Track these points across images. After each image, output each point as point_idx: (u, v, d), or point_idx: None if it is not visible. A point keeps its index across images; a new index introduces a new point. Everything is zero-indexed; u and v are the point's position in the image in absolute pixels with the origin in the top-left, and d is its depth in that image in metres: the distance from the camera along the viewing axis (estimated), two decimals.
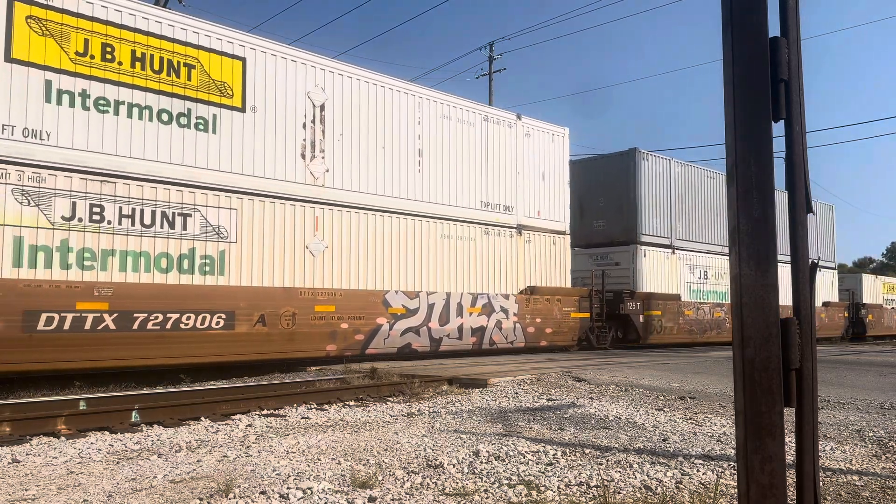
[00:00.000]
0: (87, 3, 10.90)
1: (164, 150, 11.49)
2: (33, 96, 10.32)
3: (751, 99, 2.05)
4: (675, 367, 13.47)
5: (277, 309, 12.47)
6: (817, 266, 2.16)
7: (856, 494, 4.53)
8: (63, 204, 10.46)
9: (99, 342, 10.56)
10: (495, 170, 16.71)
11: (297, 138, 13.15)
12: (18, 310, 9.88)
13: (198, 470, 5.17)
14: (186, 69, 11.81)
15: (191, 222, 11.65)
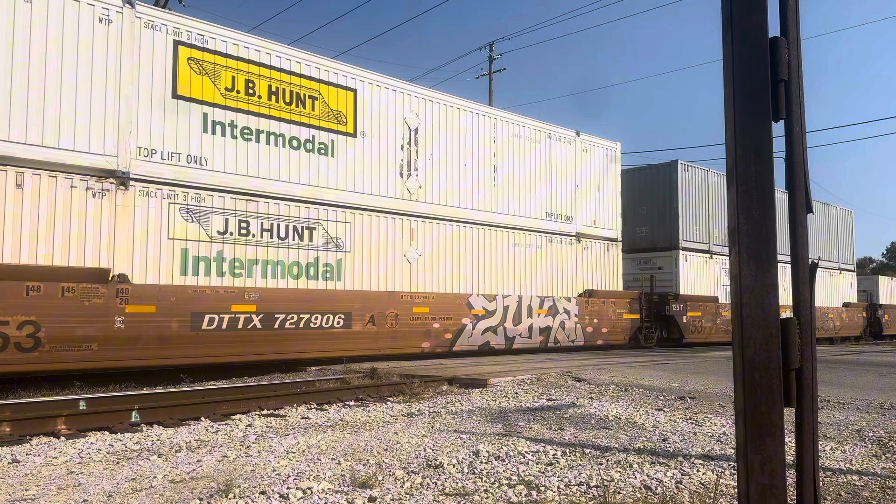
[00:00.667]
0: (234, 44, 12.60)
1: (293, 172, 13.27)
2: (194, 128, 12.03)
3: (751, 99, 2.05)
4: (675, 367, 13.47)
5: (384, 310, 14.30)
6: (817, 266, 2.16)
7: (856, 494, 4.53)
8: (218, 220, 12.22)
9: (249, 339, 12.29)
10: (557, 182, 18.36)
11: (395, 158, 14.94)
12: (188, 312, 11.58)
13: (198, 470, 5.17)
14: (311, 101, 13.64)
15: (315, 235, 13.50)
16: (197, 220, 11.92)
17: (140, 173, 11.43)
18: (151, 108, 11.61)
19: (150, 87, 11.63)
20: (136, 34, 11.50)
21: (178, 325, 11.44)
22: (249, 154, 12.68)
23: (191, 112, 11.98)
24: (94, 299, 10.57)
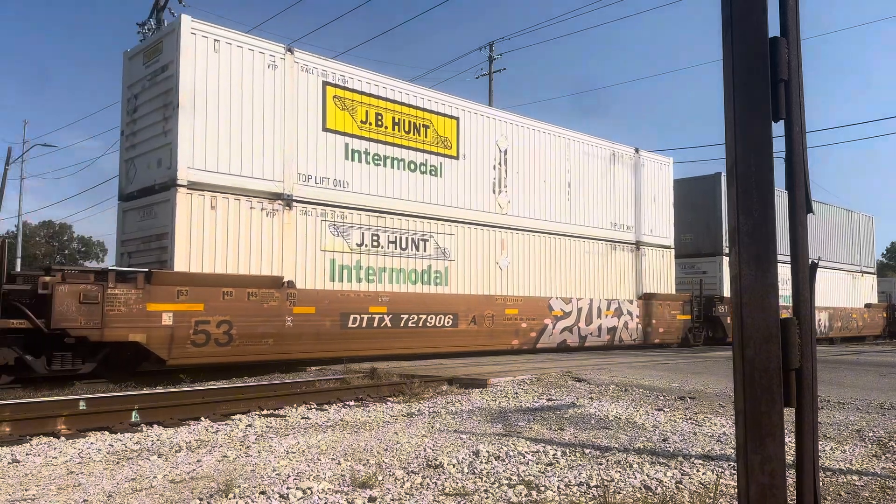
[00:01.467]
0: (367, 82, 14.69)
1: (411, 191, 15.32)
2: (339, 156, 14.16)
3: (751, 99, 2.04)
4: (675, 367, 13.46)
5: (483, 311, 16.34)
6: (817, 266, 2.16)
7: (856, 494, 4.53)
8: (356, 234, 14.36)
9: (382, 336, 14.44)
10: (619, 195, 20.39)
11: (489, 177, 17.03)
12: (337, 312, 13.73)
13: (198, 470, 5.17)
14: (424, 129, 15.67)
15: (428, 246, 15.57)
16: (341, 234, 14.13)
17: (300, 195, 13.47)
18: (307, 140, 13.65)
19: (306, 121, 13.65)
20: (294, 77, 13.56)
21: (330, 324, 13.67)
22: (378, 177, 14.79)
23: (336, 142, 14.10)
24: (270, 302, 12.76)
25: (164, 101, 12.44)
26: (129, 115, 13.59)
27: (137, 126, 13.30)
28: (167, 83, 12.38)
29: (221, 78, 12.47)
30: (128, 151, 13.55)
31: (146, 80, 13.05)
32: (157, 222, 12.38)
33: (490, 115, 17.20)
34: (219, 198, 12.32)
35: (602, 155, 19.84)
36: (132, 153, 13.38)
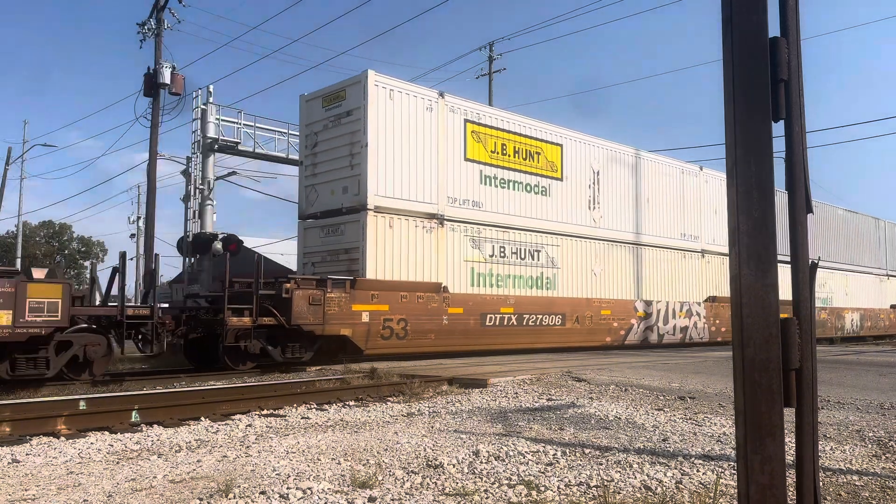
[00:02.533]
0: (495, 118, 17.59)
1: (527, 209, 17.99)
2: (475, 181, 16.86)
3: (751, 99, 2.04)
4: (675, 367, 13.46)
5: (583, 312, 19.03)
6: (817, 266, 2.16)
7: (856, 494, 4.53)
8: (489, 246, 17.02)
9: (510, 333, 17.19)
10: (687, 208, 23.00)
11: (585, 195, 19.65)
12: (478, 312, 16.44)
13: (198, 470, 5.17)
14: (536, 155, 18.39)
15: (540, 256, 18.25)
16: (478, 247, 16.78)
17: (449, 215, 16.15)
18: (453, 168, 16.34)
19: (453, 153, 16.34)
20: (444, 116, 16.32)
21: (473, 322, 16.38)
22: (504, 198, 17.43)
23: (473, 170, 16.80)
24: (433, 304, 15.56)
25: (350, 140, 15.14)
26: (308, 148, 16.29)
27: (318, 159, 16.07)
28: (353, 125, 15.13)
29: (395, 120, 15.33)
30: (308, 179, 16.24)
31: (328, 121, 15.82)
32: (343, 238, 15.26)
33: (586, 141, 19.82)
34: (394, 218, 15.17)
35: (673, 173, 22.65)
36: (313, 181, 16.12)
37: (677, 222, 22.37)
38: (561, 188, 18.77)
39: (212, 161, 20.56)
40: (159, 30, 23.00)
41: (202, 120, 20.30)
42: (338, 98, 15.57)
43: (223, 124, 20.61)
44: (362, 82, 14.89)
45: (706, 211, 23.44)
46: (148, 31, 23.18)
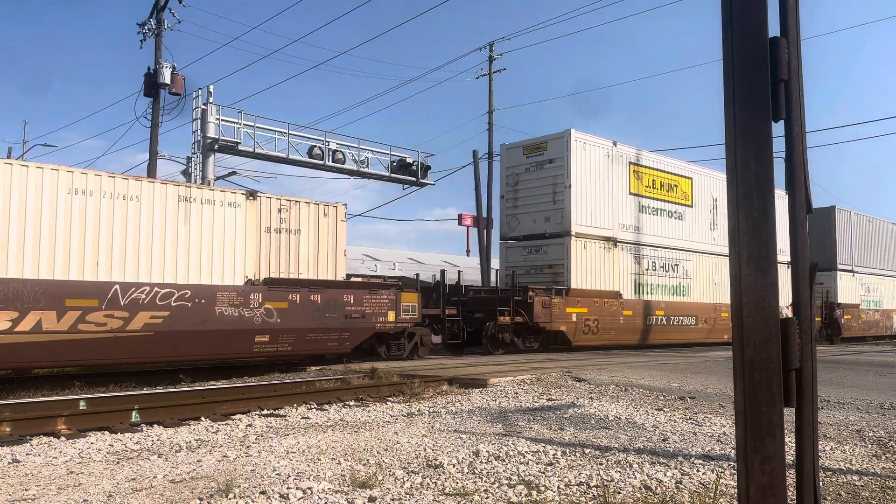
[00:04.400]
0: (648, 158, 21.71)
1: (669, 231, 22.19)
2: (636, 210, 21.02)
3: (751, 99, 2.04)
4: (675, 367, 13.46)
5: (709, 314, 23.14)
6: (817, 266, 2.16)
7: (856, 494, 4.53)
8: (645, 262, 21.20)
9: (663, 330, 21.50)
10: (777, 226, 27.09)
11: (706, 219, 23.72)
12: (643, 314, 20.65)
13: (198, 470, 5.17)
14: (674, 188, 22.66)
15: (678, 269, 22.39)
16: (638, 262, 20.90)
17: (620, 238, 20.31)
18: (622, 201, 20.46)
19: (621, 189, 20.50)
20: (615, 159, 20.44)
21: (639, 322, 20.63)
22: (654, 223, 21.62)
23: (635, 201, 20.90)
24: (613, 307, 19.79)
25: (553, 181, 19.33)
26: (510, 185, 20.55)
27: (519, 194, 20.32)
28: (555, 170, 19.35)
29: (585, 165, 19.56)
30: (509, 210, 20.59)
31: (529, 166, 20.04)
32: (547, 257, 19.50)
33: (708, 174, 23.88)
34: (587, 241, 19.39)
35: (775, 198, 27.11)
36: (514, 211, 20.43)
37: None
38: (691, 213, 23.29)
39: (212, 161, 20.56)
40: (159, 30, 22.99)
41: (202, 120, 20.31)
42: (539, 149, 19.96)
43: (223, 124, 20.62)
44: (565, 138, 19.34)
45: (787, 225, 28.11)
46: (148, 31, 23.17)
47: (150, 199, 12.08)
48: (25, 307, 10.55)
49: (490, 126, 30.22)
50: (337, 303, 13.99)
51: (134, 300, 11.59)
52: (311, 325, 13.55)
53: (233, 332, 12.62)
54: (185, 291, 12.08)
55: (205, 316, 12.25)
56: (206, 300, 12.30)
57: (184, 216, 12.39)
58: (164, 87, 22.11)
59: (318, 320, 13.66)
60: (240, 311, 12.68)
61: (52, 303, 10.80)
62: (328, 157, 22.67)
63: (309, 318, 13.55)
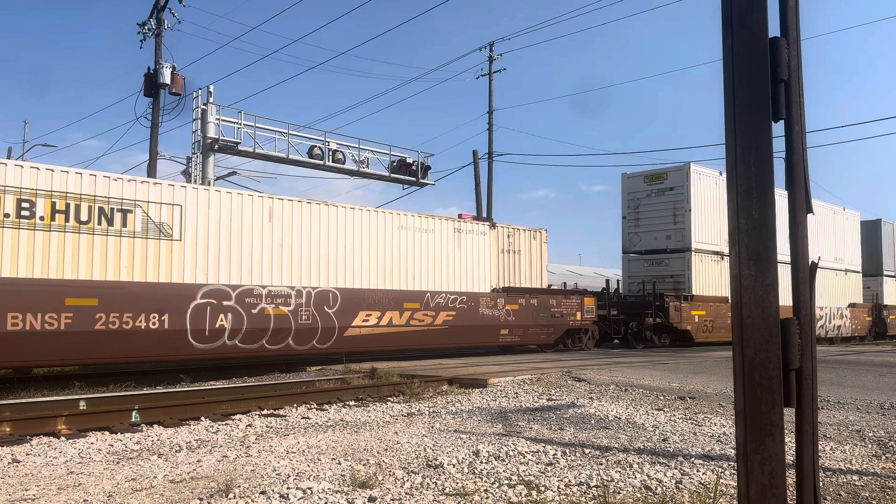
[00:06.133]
0: None
1: None
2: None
3: (751, 99, 2.04)
4: (676, 367, 13.46)
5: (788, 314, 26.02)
6: (817, 266, 2.16)
7: (856, 494, 4.53)
8: None
9: None
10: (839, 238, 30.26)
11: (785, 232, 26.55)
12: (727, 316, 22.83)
13: (198, 470, 5.17)
14: None
15: None
16: None
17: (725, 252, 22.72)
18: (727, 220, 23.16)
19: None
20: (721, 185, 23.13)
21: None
22: None
23: None
24: (723, 310, 22.91)
25: (673, 206, 23.00)
26: (631, 208, 24.06)
27: (640, 216, 23.84)
28: (675, 196, 23.08)
29: (700, 191, 23.01)
30: (630, 228, 24.06)
31: (650, 192, 23.65)
32: (668, 269, 23.06)
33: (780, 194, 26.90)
34: (702, 256, 22.82)
35: (828, 213, 29.60)
36: (636, 229, 23.91)
37: (830, 249, 29.35)
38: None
39: (212, 161, 20.55)
40: (159, 30, 22.99)
41: (202, 120, 20.29)
42: (659, 178, 23.63)
43: (223, 124, 20.60)
44: (685, 170, 22.93)
45: (847, 240, 30.77)
46: (148, 32, 23.17)
47: (439, 232, 16.54)
48: (383, 308, 14.99)
49: (490, 126, 30.23)
50: (545, 305, 18.41)
51: (437, 303, 16.07)
52: (531, 321, 17.99)
53: (488, 327, 17.01)
54: (463, 297, 16.54)
55: (473, 315, 16.67)
56: (474, 303, 16.73)
57: (455, 243, 16.84)
58: (164, 87, 22.10)
59: (535, 318, 18.10)
60: (491, 311, 17.07)
61: (396, 305, 15.23)
62: (328, 157, 22.66)
63: (530, 317, 17.97)
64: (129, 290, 11.60)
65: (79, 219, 11.26)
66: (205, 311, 12.42)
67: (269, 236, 13.52)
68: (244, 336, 12.92)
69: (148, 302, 11.79)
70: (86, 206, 11.35)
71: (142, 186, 12.08)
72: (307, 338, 13.81)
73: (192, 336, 12.28)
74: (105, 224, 11.57)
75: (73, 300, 10.99)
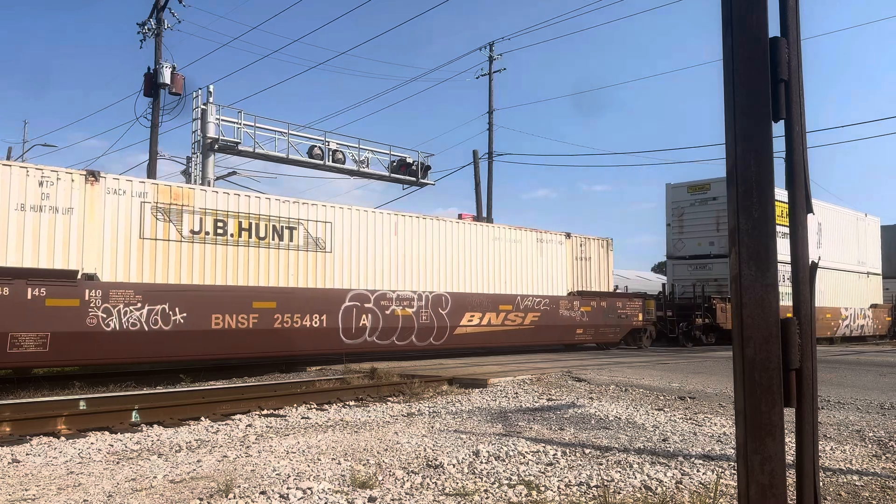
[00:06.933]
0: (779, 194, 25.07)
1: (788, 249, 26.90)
2: None
3: (751, 99, 2.04)
4: (676, 367, 13.46)
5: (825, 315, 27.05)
6: (817, 266, 2.16)
7: (856, 494, 4.53)
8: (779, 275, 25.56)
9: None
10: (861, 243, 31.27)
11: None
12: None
13: (198, 470, 5.17)
14: None
15: None
16: None
17: None
18: None
19: None
20: None
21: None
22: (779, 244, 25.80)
23: None
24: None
25: (716, 215, 24.00)
26: (675, 216, 25.42)
27: (685, 223, 25.21)
28: (718, 206, 24.04)
29: None
30: (675, 234, 25.38)
31: (694, 201, 25.00)
32: (712, 273, 24.41)
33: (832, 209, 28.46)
34: None
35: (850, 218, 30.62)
36: (680, 236, 25.32)
37: (853, 253, 30.46)
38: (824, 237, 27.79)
39: (212, 161, 20.56)
40: (159, 30, 22.99)
41: (202, 120, 20.30)
42: (703, 188, 25.01)
43: (223, 124, 20.61)
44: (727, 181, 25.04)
45: (868, 244, 31.90)
46: (148, 31, 23.17)
47: (524, 242, 18.54)
48: (483, 310, 17.03)
49: (490, 126, 30.24)
50: (613, 307, 20.47)
51: (526, 305, 18.03)
52: (602, 322, 20.09)
53: (567, 327, 19.12)
54: (546, 299, 18.60)
55: (554, 316, 18.78)
56: (555, 305, 18.81)
57: (538, 252, 18.85)
58: (164, 87, 22.10)
59: (605, 319, 20.16)
60: (569, 313, 19.18)
61: (493, 307, 17.25)
62: (328, 157, 22.66)
63: (601, 318, 20.04)
64: (297, 295, 13.88)
65: (258, 235, 13.57)
66: (352, 312, 14.70)
67: (394, 247, 15.67)
68: (380, 333, 15.12)
69: (311, 304, 14.02)
70: (263, 224, 13.61)
71: (303, 207, 14.30)
72: (426, 335, 15.98)
73: (343, 333, 14.50)
74: (277, 239, 13.79)
75: (258, 303, 13.28)
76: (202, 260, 12.72)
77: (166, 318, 12.00)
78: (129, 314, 11.62)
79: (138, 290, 11.79)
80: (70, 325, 11.00)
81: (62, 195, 11.31)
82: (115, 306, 11.51)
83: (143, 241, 12.09)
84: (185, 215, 12.57)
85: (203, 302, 12.46)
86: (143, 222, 12.12)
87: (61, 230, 11.25)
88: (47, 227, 11.12)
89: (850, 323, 30.27)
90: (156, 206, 12.27)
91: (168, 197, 12.43)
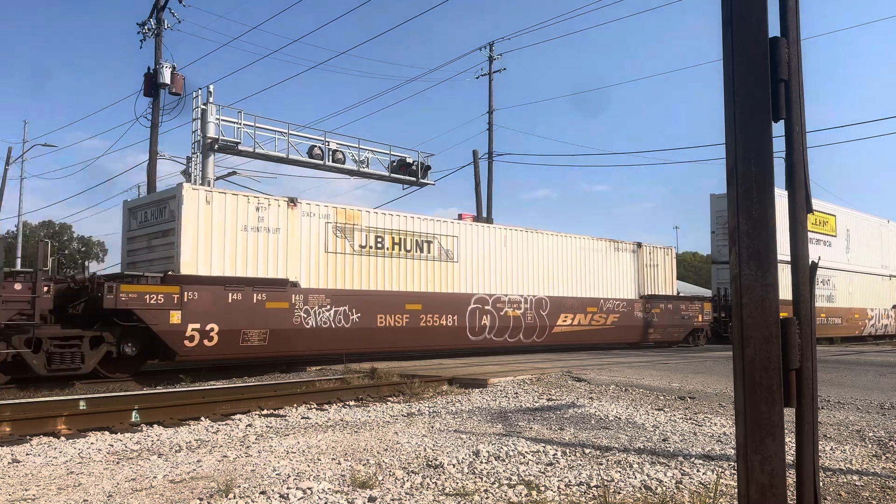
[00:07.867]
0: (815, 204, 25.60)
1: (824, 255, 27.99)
2: None
3: (751, 99, 2.04)
4: (676, 367, 13.46)
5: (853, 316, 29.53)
6: (817, 266, 2.16)
7: (856, 494, 4.53)
8: None
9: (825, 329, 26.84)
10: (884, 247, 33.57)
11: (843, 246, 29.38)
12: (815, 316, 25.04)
13: (198, 470, 5.17)
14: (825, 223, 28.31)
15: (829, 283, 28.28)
16: None
17: None
18: None
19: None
20: None
21: None
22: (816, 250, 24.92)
23: None
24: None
25: None
26: (719, 224, 25.95)
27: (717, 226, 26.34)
28: None
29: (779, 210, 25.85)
30: (719, 241, 26.05)
31: None
32: None
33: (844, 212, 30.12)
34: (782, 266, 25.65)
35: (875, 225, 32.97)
36: (723, 242, 25.13)
37: (878, 257, 32.45)
38: (835, 241, 28.94)
39: (212, 161, 20.55)
40: (159, 30, 22.99)
41: (202, 120, 20.29)
42: None
43: (223, 124, 20.60)
44: None
45: (891, 248, 33.88)
46: (148, 31, 23.17)
47: (602, 251, 21.06)
48: (574, 311, 19.64)
49: (490, 126, 30.24)
50: (678, 309, 22.84)
51: (608, 308, 20.63)
52: (668, 322, 22.45)
53: (640, 327, 21.61)
54: (623, 302, 21.16)
55: (631, 317, 21.33)
56: (631, 308, 21.37)
57: (615, 259, 21.35)
58: (164, 87, 22.11)
59: (670, 320, 22.47)
60: (642, 314, 21.66)
61: (582, 308, 19.88)
62: (328, 157, 22.65)
63: (667, 319, 22.42)
64: (436, 298, 16.55)
65: (405, 248, 16.25)
66: (475, 313, 17.26)
67: (504, 257, 18.28)
68: (496, 332, 17.64)
69: (446, 306, 16.66)
70: (408, 239, 16.31)
71: (436, 224, 17.05)
72: (530, 333, 18.52)
73: (469, 331, 17.02)
74: (418, 251, 16.47)
75: (409, 305, 15.99)
76: (367, 269, 15.46)
77: (346, 318, 14.81)
78: (321, 314, 14.42)
79: (328, 294, 14.61)
80: (282, 322, 13.73)
81: (272, 218, 14.07)
82: (312, 307, 14.29)
83: (327, 254, 14.86)
84: (355, 232, 15.40)
85: (372, 304, 15.23)
86: (328, 239, 14.90)
87: (273, 246, 14.01)
88: (263, 244, 13.88)
89: (875, 322, 32.34)
90: (335, 225, 15.10)
91: (344, 217, 15.25)
